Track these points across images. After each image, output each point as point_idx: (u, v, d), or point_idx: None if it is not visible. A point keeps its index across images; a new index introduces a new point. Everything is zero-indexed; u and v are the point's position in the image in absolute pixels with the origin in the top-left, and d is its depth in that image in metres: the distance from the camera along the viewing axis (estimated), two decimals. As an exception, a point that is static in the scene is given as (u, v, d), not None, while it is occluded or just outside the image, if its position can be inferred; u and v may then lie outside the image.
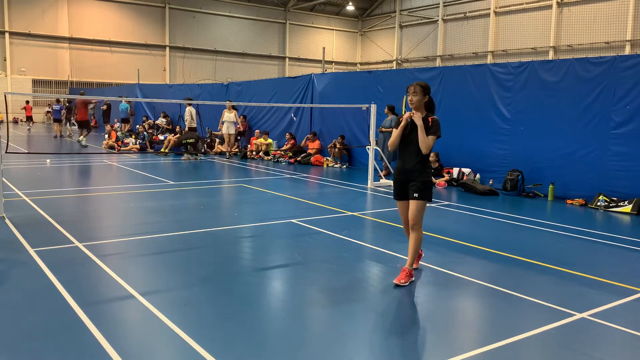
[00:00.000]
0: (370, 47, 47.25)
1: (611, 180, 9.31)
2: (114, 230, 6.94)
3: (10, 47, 35.42)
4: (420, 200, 4.98)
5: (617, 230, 7.58)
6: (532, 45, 32.46)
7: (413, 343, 3.81)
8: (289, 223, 7.38)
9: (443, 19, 38.90)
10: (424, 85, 4.97)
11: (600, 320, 4.17)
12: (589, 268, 5.57)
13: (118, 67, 38.62)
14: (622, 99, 9.18)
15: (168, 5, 40.31)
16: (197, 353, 3.47)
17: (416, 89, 4.93)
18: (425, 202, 5.02)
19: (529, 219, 8.06)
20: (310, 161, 14.86)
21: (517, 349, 3.70)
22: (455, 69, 12.49)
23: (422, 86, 4.95)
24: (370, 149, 11.30)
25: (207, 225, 7.09)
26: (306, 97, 16.35)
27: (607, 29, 28.45)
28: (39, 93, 36.33)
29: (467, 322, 4.30)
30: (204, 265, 5.39)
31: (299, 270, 5.40)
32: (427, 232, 7.02)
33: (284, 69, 45.58)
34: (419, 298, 4.69)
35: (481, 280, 5.09)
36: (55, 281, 4.72)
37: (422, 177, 5.00)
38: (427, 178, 5.02)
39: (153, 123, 22.10)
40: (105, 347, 3.50)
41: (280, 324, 4.06)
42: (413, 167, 5.03)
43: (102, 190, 9.93)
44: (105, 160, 15.15)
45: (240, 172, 13.27)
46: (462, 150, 11.77)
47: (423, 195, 4.98)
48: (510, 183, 10.35)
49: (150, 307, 4.19)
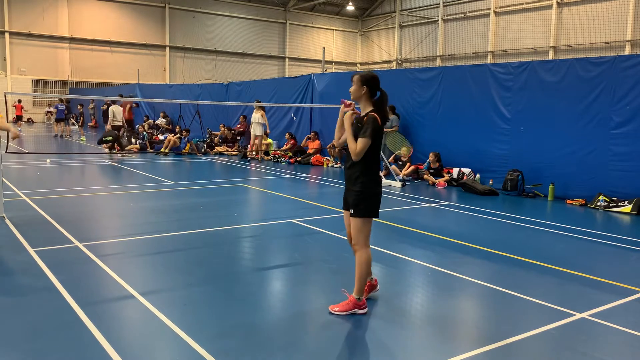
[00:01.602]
0: (370, 47, 47.24)
1: (611, 180, 9.31)
2: (114, 230, 6.94)
3: (10, 47, 35.41)
4: (355, 217, 4.12)
5: (617, 230, 7.58)
6: (532, 45, 32.45)
7: (413, 343, 3.81)
8: (289, 223, 7.38)
9: (443, 19, 38.88)
10: (364, 74, 4.19)
11: (600, 320, 4.17)
12: (589, 268, 5.57)
13: (118, 67, 38.60)
14: (622, 99, 9.18)
15: (168, 5, 40.29)
16: (197, 353, 3.47)
17: (354, 78, 4.22)
18: (364, 219, 4.11)
19: (529, 219, 8.06)
20: (310, 161, 14.86)
21: (517, 349, 3.69)
22: (455, 69, 12.49)
23: (360, 75, 4.18)
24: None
25: (207, 225, 7.09)
26: (306, 97, 16.35)
27: (607, 29, 28.44)
28: (39, 93, 36.30)
29: (467, 322, 4.30)
30: (204, 265, 5.39)
31: (299, 270, 5.40)
32: (427, 232, 7.03)
33: (284, 69, 45.57)
34: (418, 298, 4.69)
35: (481, 280, 5.09)
36: (55, 281, 4.72)
37: (357, 186, 4.10)
38: (363, 188, 4.09)
39: (153, 123, 22.11)
40: (105, 347, 3.50)
41: (280, 324, 4.06)
42: (349, 173, 4.20)
43: (102, 190, 9.93)
44: (105, 160, 15.15)
45: (240, 172, 13.27)
46: (462, 150, 11.77)
47: (358, 210, 4.08)
48: (510, 183, 10.35)
49: (150, 307, 4.19)
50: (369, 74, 4.21)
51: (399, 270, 5.43)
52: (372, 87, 4.20)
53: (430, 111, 12.61)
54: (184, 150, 17.20)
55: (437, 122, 12.44)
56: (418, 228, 7.24)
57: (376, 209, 4.16)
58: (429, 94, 12.61)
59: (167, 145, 17.09)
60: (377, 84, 4.22)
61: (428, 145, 12.42)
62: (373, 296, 4.53)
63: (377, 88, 4.23)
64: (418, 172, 12.26)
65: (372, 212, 4.13)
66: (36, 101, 37.30)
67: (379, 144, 4.15)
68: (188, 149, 17.24)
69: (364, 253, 4.15)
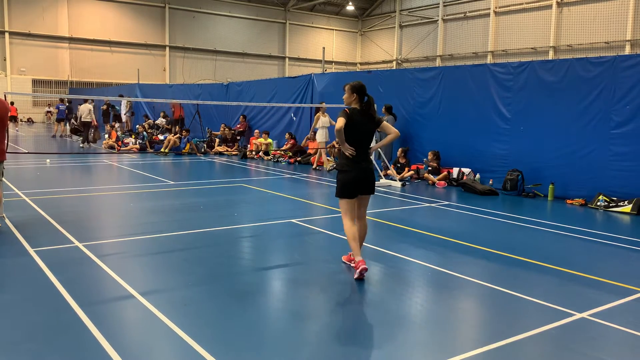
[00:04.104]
0: (370, 47, 47.25)
1: (611, 180, 9.31)
2: (114, 230, 6.94)
3: (10, 47, 35.41)
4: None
5: (617, 230, 7.57)
6: (532, 45, 32.46)
7: (413, 343, 3.81)
8: (289, 223, 7.38)
9: (443, 19, 38.90)
10: (353, 84, 5.21)
11: (600, 320, 4.17)
12: (589, 268, 5.57)
13: (118, 67, 38.60)
14: (622, 99, 9.18)
15: (168, 5, 40.30)
16: (197, 353, 3.47)
17: (345, 87, 5.26)
18: (338, 198, 5.27)
19: (529, 219, 8.06)
20: (310, 161, 14.85)
21: (517, 349, 3.69)
22: (455, 69, 12.49)
23: (351, 85, 5.22)
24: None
25: (207, 225, 7.09)
26: (306, 97, 16.34)
27: (607, 29, 28.45)
28: (38, 93, 36.30)
29: (467, 322, 4.30)
30: (204, 265, 5.39)
31: (299, 270, 5.40)
32: (428, 232, 7.03)
33: (284, 69, 45.57)
34: (419, 298, 4.69)
35: (481, 280, 5.09)
36: (55, 281, 4.72)
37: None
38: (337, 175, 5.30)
39: (153, 123, 22.11)
40: (105, 347, 3.50)
41: (280, 324, 4.06)
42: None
43: (102, 190, 9.93)
44: (105, 160, 15.15)
45: (240, 172, 13.27)
46: (462, 150, 11.77)
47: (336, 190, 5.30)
48: (510, 183, 10.35)
49: (150, 307, 4.19)
50: (358, 84, 5.22)
51: (399, 270, 5.42)
52: (360, 94, 5.21)
53: (430, 111, 12.61)
54: (184, 150, 17.21)
55: (437, 122, 12.44)
56: (418, 228, 7.24)
57: (338, 190, 5.22)
58: (429, 94, 12.61)
59: (167, 145, 17.09)
60: (364, 91, 5.23)
61: (428, 145, 12.42)
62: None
63: (364, 94, 5.22)
64: (418, 172, 12.25)
65: (336, 193, 5.26)
66: (36, 101, 37.30)
67: (351, 134, 5.08)
68: (188, 149, 17.25)
69: (344, 222, 5.22)
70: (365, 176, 5.17)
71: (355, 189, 5.15)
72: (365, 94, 5.19)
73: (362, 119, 5.13)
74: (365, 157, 5.23)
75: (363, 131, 5.13)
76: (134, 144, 18.30)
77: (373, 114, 5.21)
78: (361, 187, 5.17)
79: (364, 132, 5.15)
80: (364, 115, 5.13)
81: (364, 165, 5.18)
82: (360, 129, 5.11)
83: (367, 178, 5.18)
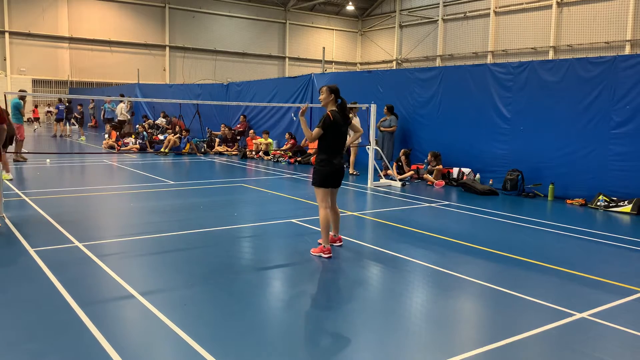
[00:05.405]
0: (370, 47, 47.25)
1: (611, 180, 9.31)
2: (114, 230, 6.94)
3: (10, 47, 35.40)
4: (312, 185, 5.88)
5: (617, 230, 7.57)
6: (532, 45, 32.45)
7: (413, 343, 3.81)
8: (289, 223, 7.38)
9: (443, 19, 38.89)
10: (330, 86, 5.82)
11: (600, 320, 4.17)
12: (589, 268, 5.57)
13: (118, 67, 38.59)
14: (622, 99, 9.18)
15: (168, 5, 40.28)
16: (197, 353, 3.47)
17: (322, 89, 5.84)
18: (315, 187, 5.82)
19: (529, 219, 8.06)
20: (311, 161, 14.85)
21: (517, 349, 3.69)
22: (455, 69, 12.49)
23: (328, 87, 5.82)
24: (370, 149, 11.31)
25: (207, 225, 7.09)
26: (306, 97, 16.34)
27: (607, 29, 28.44)
28: (39, 93, 36.29)
29: (467, 322, 4.30)
30: (204, 265, 5.39)
31: (299, 270, 5.40)
32: (427, 232, 7.03)
33: (284, 69, 45.56)
34: (419, 298, 4.69)
35: (481, 280, 5.09)
36: (55, 281, 4.72)
37: (315, 164, 5.91)
38: (315, 165, 5.85)
39: (153, 123, 22.11)
40: (105, 347, 3.50)
41: (280, 323, 4.06)
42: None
43: (102, 190, 9.93)
44: (105, 160, 15.15)
45: (240, 172, 13.27)
46: (462, 150, 11.77)
47: (312, 180, 5.84)
48: (510, 183, 10.35)
49: (150, 307, 4.19)
50: (334, 86, 5.86)
51: (399, 270, 5.43)
52: (336, 95, 5.82)
53: (430, 111, 12.61)
54: (184, 150, 17.21)
55: (437, 122, 12.43)
56: (418, 228, 7.24)
57: (319, 180, 5.75)
58: (429, 94, 12.61)
59: (167, 145, 17.10)
60: (338, 93, 5.87)
61: (428, 145, 12.42)
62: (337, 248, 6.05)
63: (339, 96, 5.84)
64: (418, 171, 12.25)
65: (316, 183, 5.79)
66: (36, 101, 37.27)
67: (332, 134, 5.71)
68: (188, 149, 17.25)
69: (321, 211, 5.78)
70: (340, 171, 5.85)
71: (334, 180, 5.83)
72: (339, 96, 5.82)
73: (341, 119, 5.77)
74: (341, 153, 5.88)
75: (342, 131, 5.81)
76: (134, 144, 18.30)
77: (347, 115, 5.89)
78: (335, 180, 5.84)
79: (342, 131, 5.82)
80: (341, 116, 5.79)
81: (340, 161, 5.83)
82: (340, 129, 5.78)
83: (340, 173, 5.87)
